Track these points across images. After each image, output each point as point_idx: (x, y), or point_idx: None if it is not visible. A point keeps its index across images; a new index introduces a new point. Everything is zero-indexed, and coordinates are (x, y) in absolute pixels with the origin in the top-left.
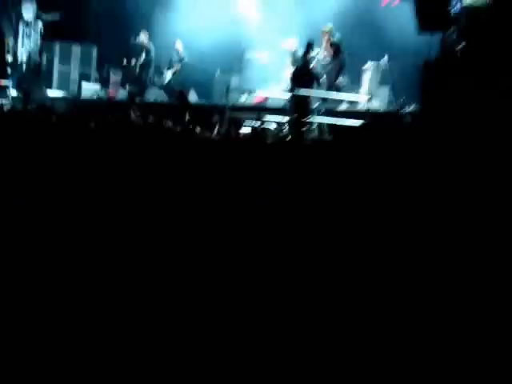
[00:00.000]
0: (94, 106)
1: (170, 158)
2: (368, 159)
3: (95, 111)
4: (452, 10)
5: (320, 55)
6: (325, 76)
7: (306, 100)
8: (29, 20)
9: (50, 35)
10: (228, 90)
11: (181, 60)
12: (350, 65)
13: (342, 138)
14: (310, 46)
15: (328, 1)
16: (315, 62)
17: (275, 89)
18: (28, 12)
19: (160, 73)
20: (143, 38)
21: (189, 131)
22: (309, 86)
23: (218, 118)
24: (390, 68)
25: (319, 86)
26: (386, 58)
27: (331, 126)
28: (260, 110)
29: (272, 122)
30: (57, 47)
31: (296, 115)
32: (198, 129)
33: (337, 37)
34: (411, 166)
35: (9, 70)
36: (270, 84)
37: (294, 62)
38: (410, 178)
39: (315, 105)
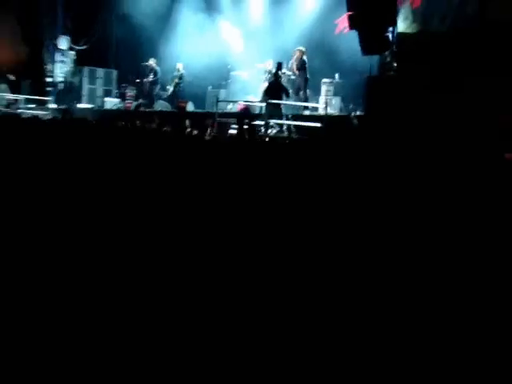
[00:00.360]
0: (115, 115)
1: (174, 152)
2: (326, 151)
3: (116, 118)
4: (388, 37)
5: (288, 72)
6: (291, 90)
7: (277, 107)
8: (63, 50)
9: (80, 62)
10: (217, 100)
11: (180, 77)
12: (311, 80)
13: (305, 135)
14: (279, 66)
15: (293, 30)
16: (284, 77)
17: (253, 99)
18: (63, 44)
19: (164, 88)
20: (152, 62)
21: (188, 133)
22: (280, 96)
23: (210, 122)
24: (341, 83)
25: (288, 96)
26: (337, 75)
27: (297, 127)
28: (242, 115)
29: (252, 124)
30: (86, 71)
31: (270, 119)
32: (194, 131)
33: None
34: (359, 155)
35: (48, 89)
36: (249, 96)
37: (269, 78)
38: (359, 165)
39: (285, 111)
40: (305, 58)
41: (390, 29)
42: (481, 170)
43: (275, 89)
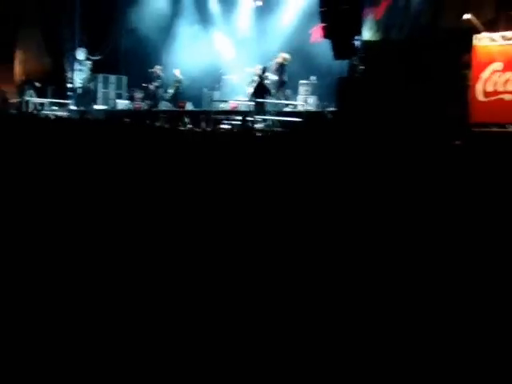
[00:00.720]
0: (126, 114)
1: (176, 143)
2: (305, 142)
3: (125, 117)
4: (355, 44)
5: (272, 75)
6: (273, 90)
7: (262, 105)
8: (81, 60)
9: (95, 70)
10: (212, 100)
11: (179, 82)
12: (291, 81)
13: (287, 128)
14: (264, 70)
15: (275, 40)
16: (268, 80)
17: (243, 99)
18: (80, 55)
19: (166, 91)
20: (157, 69)
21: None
22: (263, 96)
23: (204, 118)
24: (317, 83)
25: (271, 95)
26: (314, 77)
27: (280, 121)
28: (233, 113)
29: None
30: (100, 77)
31: (257, 115)
32: (191, 126)
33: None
34: (334, 145)
35: (69, 94)
36: (239, 96)
37: (256, 80)
38: (333, 153)
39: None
40: (285, 63)
41: (357, 37)
42: (432, 154)
43: (260, 89)
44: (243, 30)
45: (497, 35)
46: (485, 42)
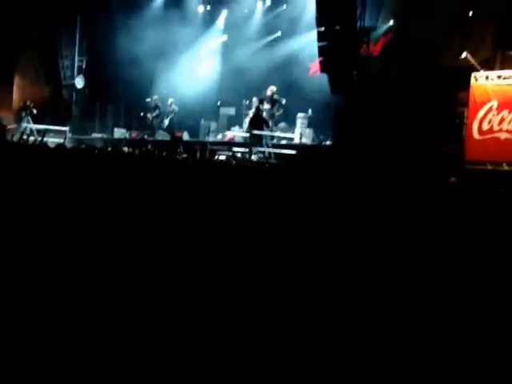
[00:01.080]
0: (123, 142)
1: (169, 171)
2: (300, 174)
3: (122, 145)
4: (353, 78)
5: (267, 106)
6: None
7: (259, 137)
8: (79, 88)
9: (93, 98)
10: (209, 131)
11: (173, 112)
12: (288, 114)
13: (283, 161)
14: (261, 101)
15: (273, 73)
16: (265, 112)
17: (239, 131)
18: (79, 83)
19: (162, 121)
20: (155, 98)
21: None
22: (261, 127)
23: (199, 148)
24: (314, 117)
25: (268, 128)
26: (310, 110)
27: (276, 154)
28: (230, 144)
29: (237, 151)
30: (98, 106)
31: (253, 147)
32: (185, 155)
33: (276, 94)
34: (330, 177)
35: (66, 121)
36: (235, 127)
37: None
38: (330, 186)
39: (266, 140)
40: (275, 96)
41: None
42: (428, 190)
43: (257, 121)
44: (242, 61)
45: (493, 74)
46: (482, 80)
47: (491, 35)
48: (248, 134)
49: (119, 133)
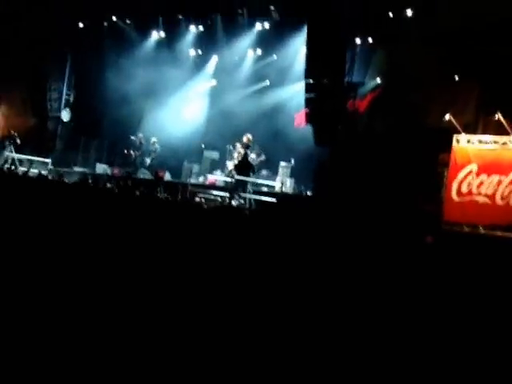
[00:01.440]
0: (104, 178)
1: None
2: (281, 222)
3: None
4: (337, 132)
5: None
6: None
7: (244, 183)
8: (65, 121)
9: (78, 132)
10: (191, 173)
11: (155, 151)
12: (271, 163)
13: (263, 208)
14: (247, 148)
15: (260, 120)
16: (250, 158)
17: (221, 175)
18: (65, 116)
19: (144, 159)
20: (140, 136)
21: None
22: (247, 173)
23: (180, 189)
24: (297, 166)
25: (254, 174)
26: (293, 160)
27: (256, 201)
28: (211, 187)
29: (218, 195)
30: (82, 140)
31: (236, 192)
32: (165, 195)
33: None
34: (309, 225)
35: (49, 153)
36: (217, 171)
37: (237, 157)
38: (308, 233)
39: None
40: (250, 144)
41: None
42: (403, 250)
43: (243, 166)
44: (229, 107)
45: (475, 138)
46: (463, 143)
47: (475, 99)
48: (230, 179)
49: (101, 168)
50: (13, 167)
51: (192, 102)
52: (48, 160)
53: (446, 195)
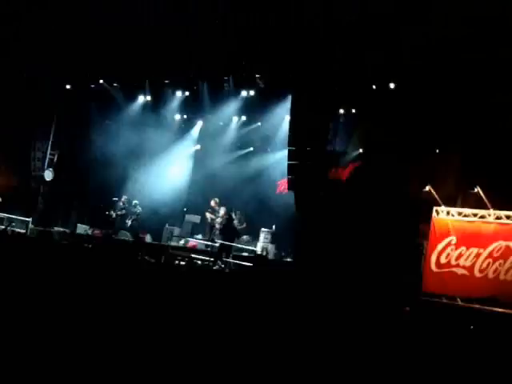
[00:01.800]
0: (84, 239)
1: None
2: (259, 285)
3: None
4: (319, 200)
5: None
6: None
7: (228, 247)
8: (48, 181)
9: (60, 191)
10: (172, 236)
11: (137, 213)
12: (252, 227)
13: (241, 271)
14: (232, 212)
15: (242, 185)
16: (234, 223)
17: (202, 239)
18: (48, 176)
19: (125, 221)
20: (124, 198)
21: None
22: (232, 238)
23: (161, 252)
24: (277, 233)
25: (238, 239)
26: (274, 226)
27: (236, 265)
28: (191, 251)
29: (199, 258)
30: (63, 200)
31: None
32: (147, 257)
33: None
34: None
35: (31, 212)
36: (198, 235)
37: (219, 222)
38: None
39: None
40: (215, 207)
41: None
42: (381, 320)
43: (228, 231)
44: (212, 170)
45: (454, 210)
46: (443, 215)
47: (455, 172)
48: (211, 243)
49: (82, 229)
50: None
51: (176, 165)
52: (29, 219)
53: (425, 266)
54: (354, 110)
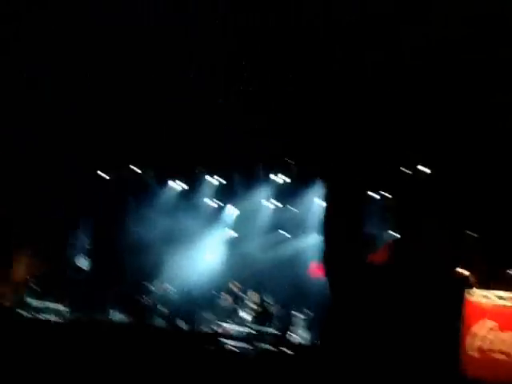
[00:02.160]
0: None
1: None
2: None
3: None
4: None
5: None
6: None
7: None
8: (84, 269)
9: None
10: (204, 321)
11: (169, 298)
12: (283, 310)
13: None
14: (236, 296)
15: (276, 270)
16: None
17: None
18: (83, 264)
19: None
20: (157, 284)
21: None
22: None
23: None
24: (312, 317)
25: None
26: (308, 310)
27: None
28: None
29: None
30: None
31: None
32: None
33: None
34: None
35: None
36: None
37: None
38: None
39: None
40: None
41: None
42: None
43: (263, 317)
44: (246, 255)
45: (491, 293)
46: (478, 297)
47: (486, 254)
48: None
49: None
50: (24, 313)
51: (209, 251)
52: (64, 308)
53: (460, 350)
54: (385, 194)
